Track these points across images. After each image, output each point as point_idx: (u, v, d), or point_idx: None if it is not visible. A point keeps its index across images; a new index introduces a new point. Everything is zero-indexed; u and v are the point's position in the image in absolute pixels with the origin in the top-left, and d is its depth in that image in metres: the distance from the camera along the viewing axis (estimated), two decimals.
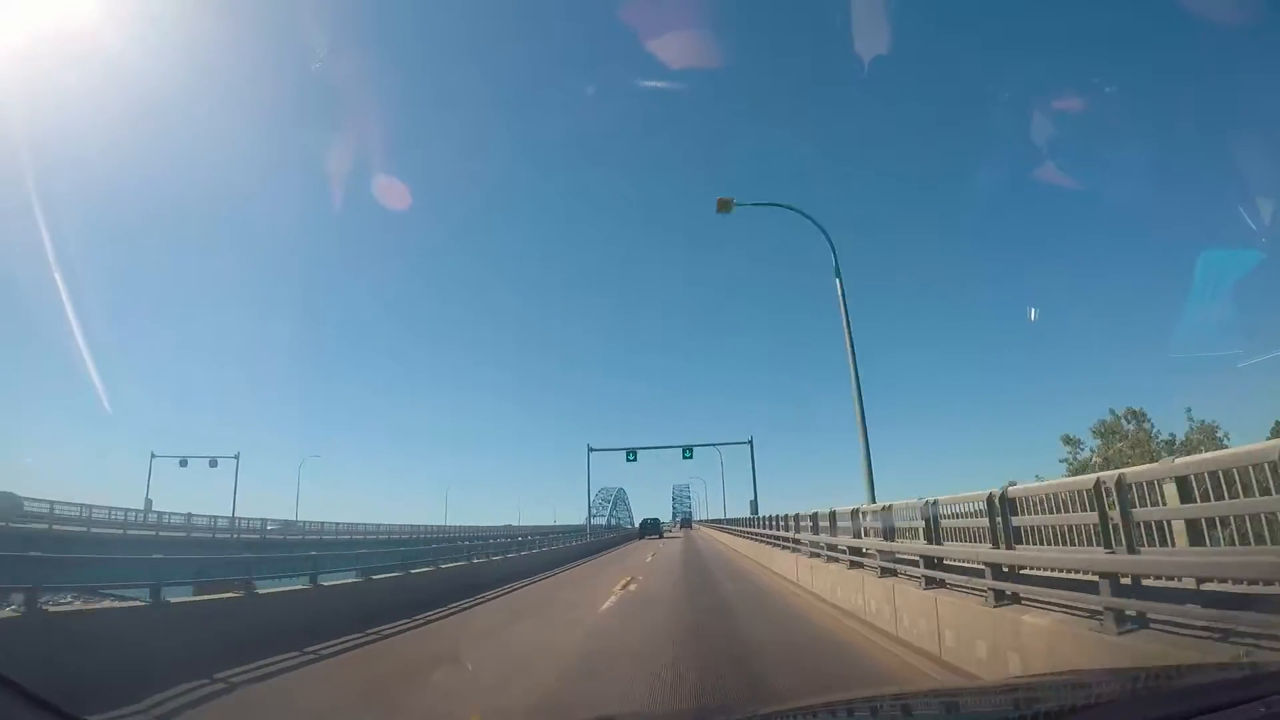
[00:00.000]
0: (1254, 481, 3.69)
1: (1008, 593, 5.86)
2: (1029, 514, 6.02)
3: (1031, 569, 5.92)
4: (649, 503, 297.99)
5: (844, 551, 11.15)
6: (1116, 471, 4.85)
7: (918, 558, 7.67)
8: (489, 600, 14.49)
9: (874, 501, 11.83)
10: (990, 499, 6.29)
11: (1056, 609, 5.17)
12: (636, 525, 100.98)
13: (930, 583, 7.30)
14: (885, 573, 8.81)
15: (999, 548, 6.08)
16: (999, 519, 6.19)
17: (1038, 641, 5.00)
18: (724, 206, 14.50)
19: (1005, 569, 6.02)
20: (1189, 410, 23.96)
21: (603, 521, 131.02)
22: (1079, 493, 5.27)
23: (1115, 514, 4.70)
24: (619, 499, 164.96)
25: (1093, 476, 5.07)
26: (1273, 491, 3.56)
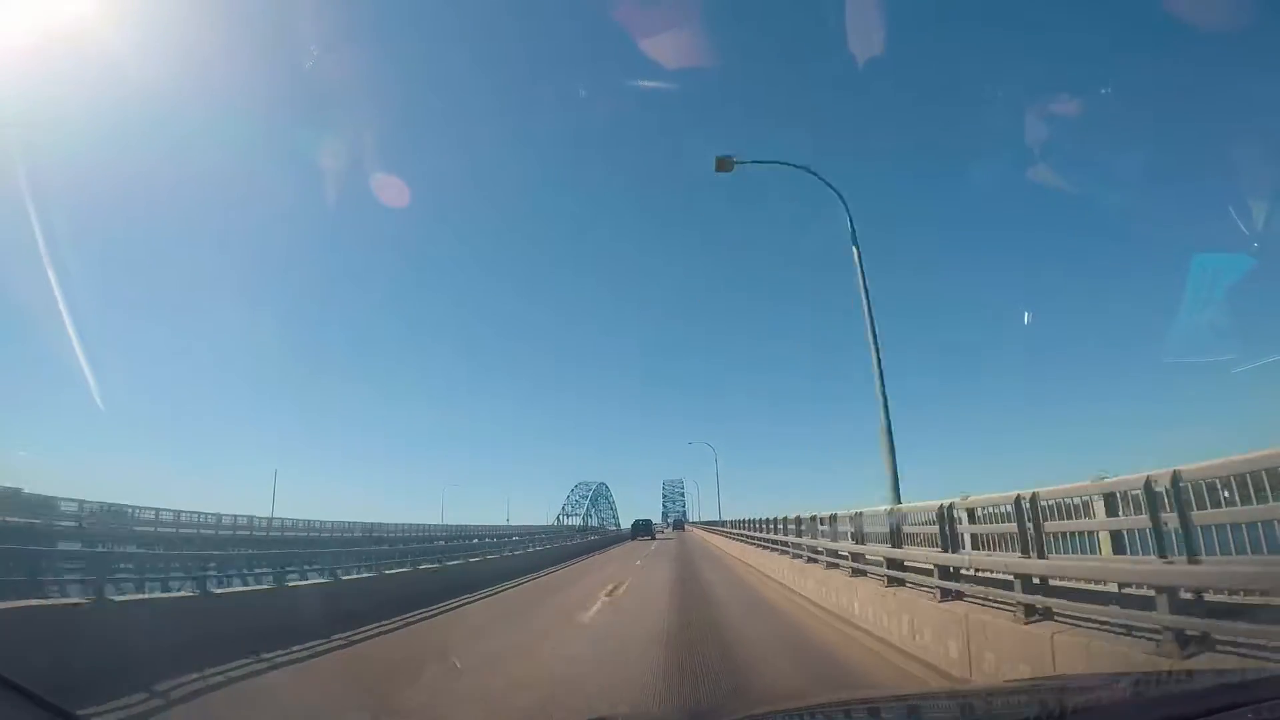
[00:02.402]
0: None
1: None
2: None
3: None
4: (636, 501, 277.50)
5: None
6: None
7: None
8: None
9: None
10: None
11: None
12: (621, 526, 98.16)
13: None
14: None
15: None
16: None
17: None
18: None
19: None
20: None
21: (577, 521, 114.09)
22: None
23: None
24: (599, 495, 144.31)
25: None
26: None
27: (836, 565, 11.30)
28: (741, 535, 26.85)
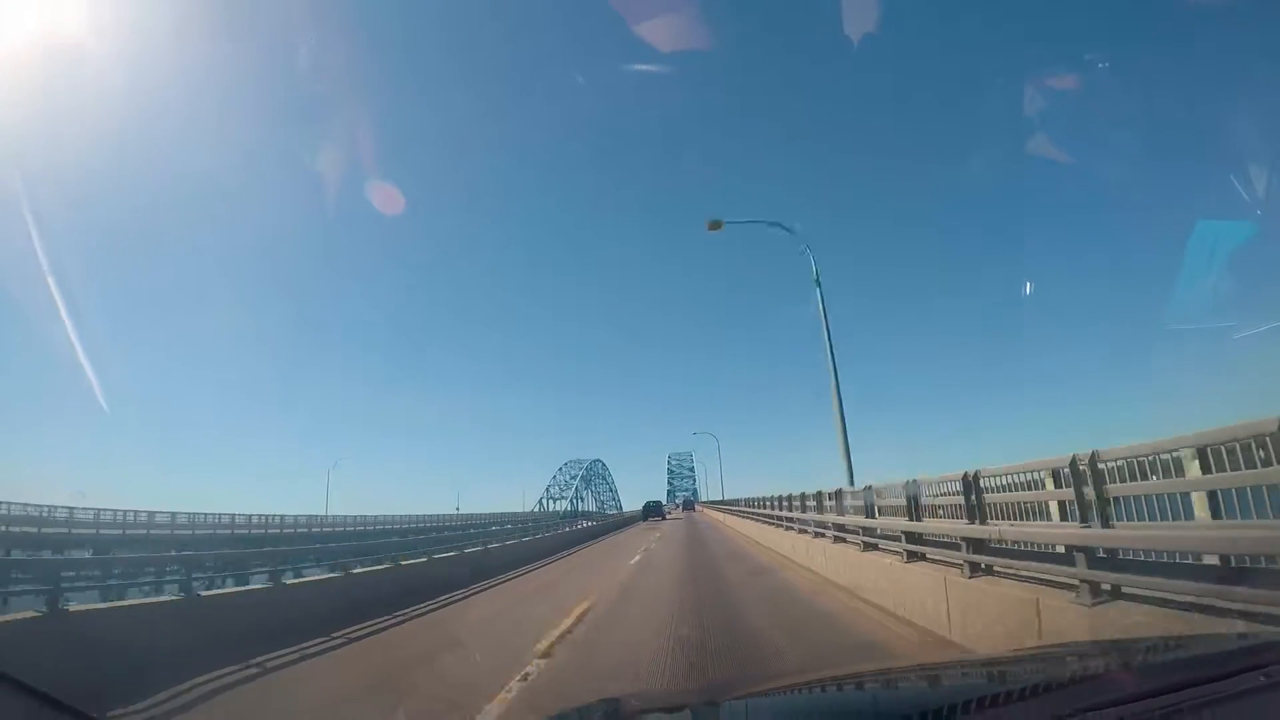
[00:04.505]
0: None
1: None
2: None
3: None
4: (638, 479, 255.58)
5: None
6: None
7: None
8: None
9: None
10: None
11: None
12: (622, 509, 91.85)
13: None
14: None
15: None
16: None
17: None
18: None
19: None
20: None
21: (565, 505, 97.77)
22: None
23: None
24: (594, 475, 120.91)
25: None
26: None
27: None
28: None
